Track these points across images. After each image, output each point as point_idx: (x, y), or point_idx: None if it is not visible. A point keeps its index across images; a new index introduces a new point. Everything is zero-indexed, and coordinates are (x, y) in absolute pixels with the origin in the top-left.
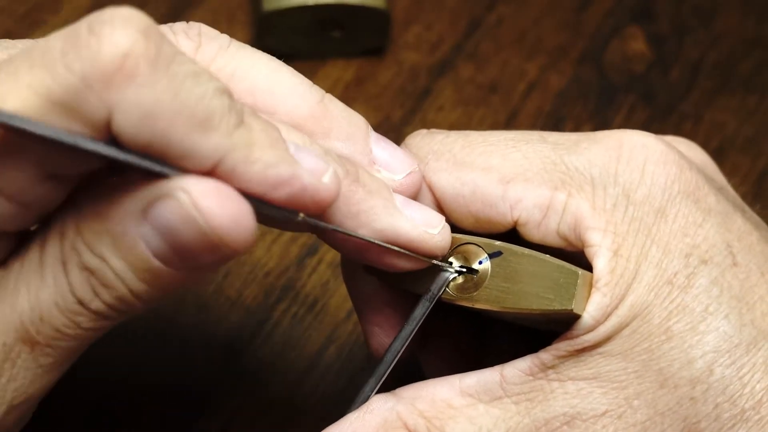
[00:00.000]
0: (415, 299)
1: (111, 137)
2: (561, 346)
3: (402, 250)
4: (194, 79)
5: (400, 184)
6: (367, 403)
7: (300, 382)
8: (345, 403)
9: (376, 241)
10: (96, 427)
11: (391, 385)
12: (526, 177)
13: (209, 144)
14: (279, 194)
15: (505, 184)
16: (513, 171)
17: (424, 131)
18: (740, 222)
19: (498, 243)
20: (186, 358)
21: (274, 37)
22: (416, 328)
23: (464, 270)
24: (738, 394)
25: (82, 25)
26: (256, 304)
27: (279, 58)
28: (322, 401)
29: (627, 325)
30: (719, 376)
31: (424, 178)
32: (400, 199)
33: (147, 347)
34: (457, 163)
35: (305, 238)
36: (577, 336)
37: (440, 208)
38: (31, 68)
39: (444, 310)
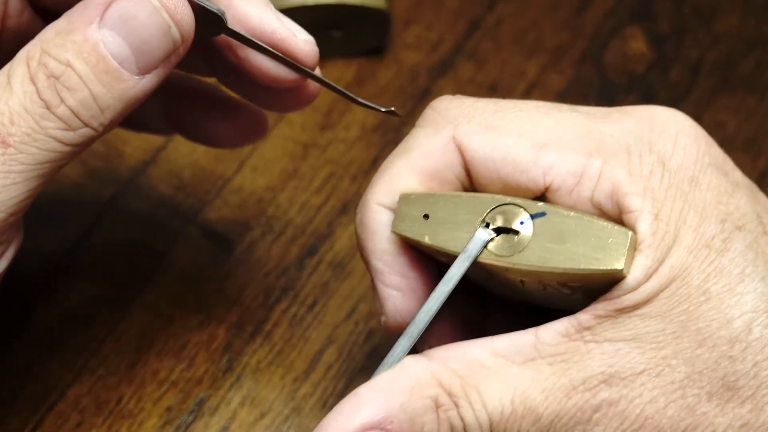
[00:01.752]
0: (440, 267)
1: None
2: (600, 307)
3: (275, 52)
4: None
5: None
6: (400, 363)
7: (300, 382)
8: None
9: (249, 37)
10: (96, 426)
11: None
12: (559, 143)
13: None
14: None
15: (538, 149)
16: (546, 137)
17: (450, 96)
18: (765, 198)
19: (541, 204)
20: (186, 358)
21: None
22: (452, 289)
23: (505, 230)
24: None
25: None
26: (256, 304)
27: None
28: (322, 401)
29: (666, 287)
30: (758, 335)
31: (454, 139)
32: (270, 10)
33: (147, 347)
34: (489, 127)
35: (305, 239)
36: (618, 297)
37: (468, 172)
38: None
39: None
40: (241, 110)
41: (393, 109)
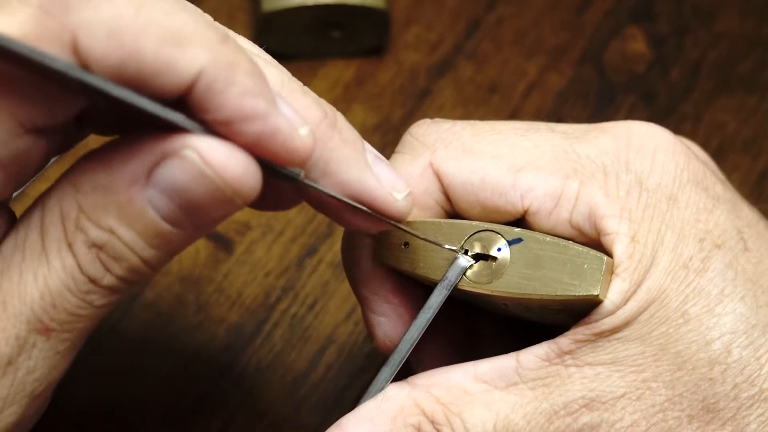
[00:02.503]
0: (425, 289)
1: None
2: (579, 331)
3: (362, 208)
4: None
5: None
6: (383, 392)
7: (300, 382)
8: (345, 403)
9: (340, 197)
10: (96, 426)
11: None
12: (536, 165)
13: (185, 57)
14: (249, 128)
15: (515, 172)
16: (523, 159)
17: (428, 120)
18: (747, 210)
19: (517, 230)
20: (186, 358)
21: (274, 37)
22: (432, 316)
23: (483, 257)
24: (756, 374)
25: None
26: (256, 304)
27: (278, 58)
28: (322, 401)
29: (645, 309)
30: (737, 356)
31: (432, 165)
32: (371, 156)
33: (147, 347)
34: (466, 151)
35: (305, 239)
36: (596, 321)
37: (447, 196)
38: None
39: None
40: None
41: (455, 248)
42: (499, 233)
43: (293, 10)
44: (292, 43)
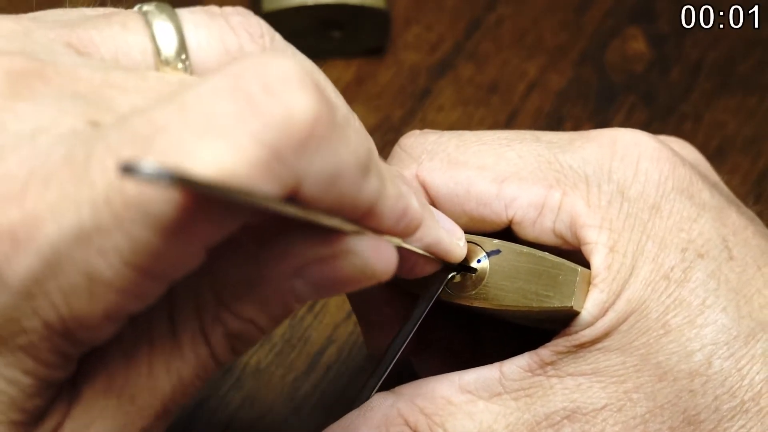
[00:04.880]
0: (414, 299)
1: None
2: (559, 343)
3: (432, 257)
4: (349, 123)
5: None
6: (367, 402)
7: (300, 382)
8: (345, 403)
9: (424, 253)
10: None
11: (391, 385)
12: (520, 176)
13: (370, 189)
14: (399, 226)
15: (499, 183)
16: (507, 170)
17: (417, 132)
18: (735, 217)
19: (496, 241)
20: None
21: None
22: (416, 327)
23: (463, 269)
24: (737, 385)
25: (250, 84)
26: None
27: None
28: (322, 401)
29: (624, 320)
30: (718, 368)
31: (417, 177)
32: (435, 212)
33: None
34: (451, 162)
35: None
36: (575, 332)
37: (434, 206)
38: (202, 139)
39: (438, 314)
40: None
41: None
42: (478, 245)
43: (293, 10)
44: (292, 42)
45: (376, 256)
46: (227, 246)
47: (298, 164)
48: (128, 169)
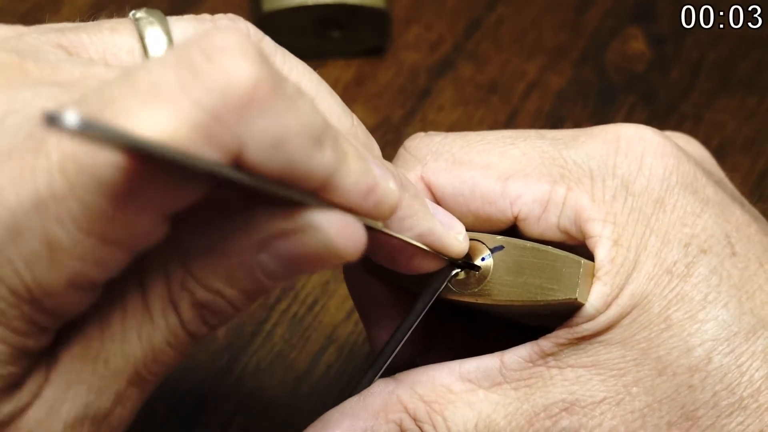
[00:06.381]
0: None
1: (235, 165)
2: (561, 334)
3: (430, 251)
4: (300, 96)
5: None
6: (367, 388)
7: (300, 382)
8: None
9: (417, 244)
10: None
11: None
12: (524, 173)
13: (323, 160)
14: (367, 203)
15: (504, 180)
16: (511, 167)
17: (422, 134)
18: (738, 213)
19: (499, 237)
20: (186, 358)
21: (274, 36)
22: (418, 319)
23: (467, 266)
24: (736, 382)
25: (194, 53)
26: (257, 304)
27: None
28: (322, 401)
29: (627, 314)
30: (717, 364)
31: (422, 178)
32: (430, 205)
33: None
34: (456, 162)
35: None
36: (578, 324)
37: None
38: (145, 104)
39: (443, 315)
40: None
41: (479, 266)
42: (482, 242)
43: (293, 10)
44: (292, 42)
45: (340, 232)
46: (194, 216)
47: (239, 128)
48: (52, 120)
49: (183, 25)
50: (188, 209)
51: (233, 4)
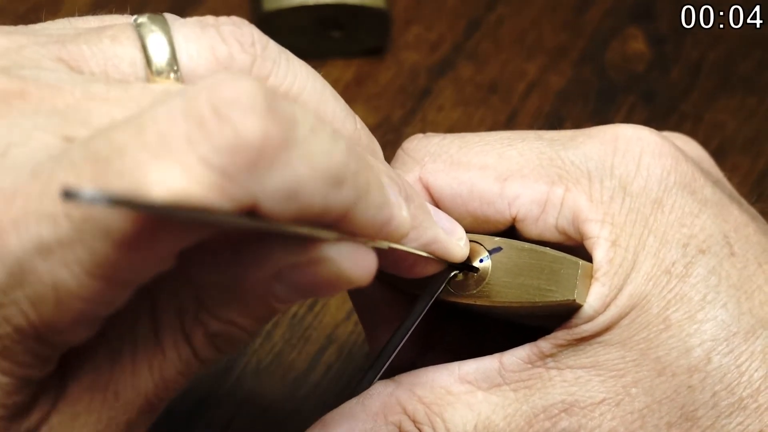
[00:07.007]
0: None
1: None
2: (560, 335)
3: (434, 258)
4: (315, 135)
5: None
6: (367, 390)
7: (300, 382)
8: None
9: (421, 253)
10: None
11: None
12: (522, 173)
13: (340, 198)
14: (380, 234)
15: (502, 181)
16: (509, 168)
17: (420, 135)
18: (737, 213)
19: (498, 238)
20: None
21: (274, 36)
22: (417, 321)
23: (466, 267)
24: (736, 382)
25: (203, 107)
26: None
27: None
28: (322, 401)
29: (626, 315)
30: (717, 364)
31: (420, 179)
32: (432, 211)
33: None
34: (454, 164)
35: None
36: (577, 325)
37: (438, 208)
38: (157, 160)
39: (442, 316)
40: None
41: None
42: (480, 243)
43: (293, 10)
44: (292, 43)
45: (353, 262)
46: (203, 251)
47: (251, 184)
48: (69, 195)
49: (186, 32)
50: (199, 244)
51: (233, 4)
